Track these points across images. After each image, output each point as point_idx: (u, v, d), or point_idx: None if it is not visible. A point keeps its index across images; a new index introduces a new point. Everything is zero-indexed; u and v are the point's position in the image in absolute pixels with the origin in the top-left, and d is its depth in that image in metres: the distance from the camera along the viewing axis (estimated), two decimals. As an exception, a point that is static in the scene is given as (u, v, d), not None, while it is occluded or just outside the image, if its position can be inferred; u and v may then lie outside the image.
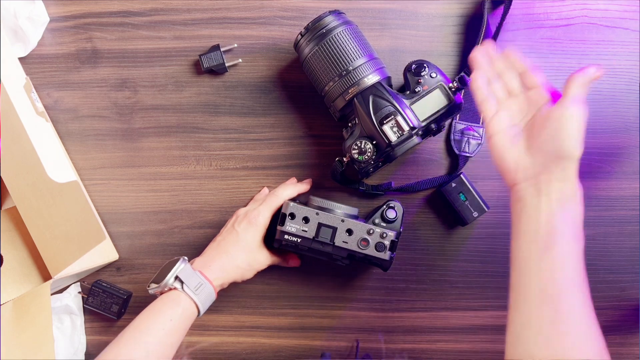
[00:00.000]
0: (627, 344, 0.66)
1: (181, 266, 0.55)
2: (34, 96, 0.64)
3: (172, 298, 0.53)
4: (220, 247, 0.58)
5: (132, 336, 0.51)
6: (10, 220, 0.65)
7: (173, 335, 0.52)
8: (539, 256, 0.45)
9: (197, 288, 0.54)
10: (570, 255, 0.45)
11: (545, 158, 0.47)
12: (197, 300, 0.54)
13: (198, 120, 0.66)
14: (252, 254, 0.58)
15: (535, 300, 0.44)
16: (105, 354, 0.50)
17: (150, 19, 0.65)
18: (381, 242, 0.58)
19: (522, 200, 0.48)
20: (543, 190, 0.46)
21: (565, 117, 0.47)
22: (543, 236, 0.45)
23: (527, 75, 0.52)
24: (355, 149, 0.57)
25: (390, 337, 0.66)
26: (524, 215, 0.47)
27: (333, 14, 0.58)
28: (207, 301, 0.55)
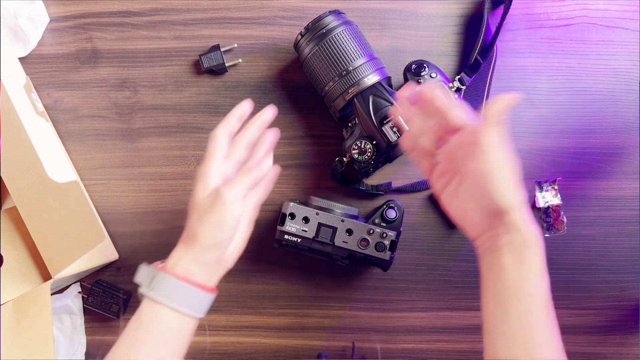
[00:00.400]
0: (627, 344, 0.66)
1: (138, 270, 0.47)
2: (34, 96, 0.64)
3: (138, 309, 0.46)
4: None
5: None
6: (10, 220, 0.65)
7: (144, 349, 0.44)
8: (501, 318, 0.43)
9: (150, 282, 0.45)
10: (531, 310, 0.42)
11: (484, 213, 0.44)
12: (155, 297, 0.44)
13: (198, 120, 0.66)
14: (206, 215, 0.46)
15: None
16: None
17: (150, 19, 0.65)
18: (381, 242, 0.58)
19: (480, 256, 0.45)
20: (492, 246, 0.43)
21: (483, 174, 0.43)
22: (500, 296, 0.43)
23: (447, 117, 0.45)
24: (355, 149, 0.57)
25: (390, 337, 0.66)
26: (484, 270, 0.45)
27: (333, 14, 0.58)
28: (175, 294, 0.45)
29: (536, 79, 0.65)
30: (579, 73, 0.65)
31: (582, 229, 0.65)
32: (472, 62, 0.61)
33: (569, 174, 0.65)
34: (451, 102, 0.45)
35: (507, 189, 0.42)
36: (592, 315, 0.66)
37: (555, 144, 0.65)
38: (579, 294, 0.66)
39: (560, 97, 0.65)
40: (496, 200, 0.42)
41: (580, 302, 0.66)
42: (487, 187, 0.43)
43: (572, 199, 0.65)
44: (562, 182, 0.65)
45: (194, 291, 0.46)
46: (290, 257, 0.66)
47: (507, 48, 0.65)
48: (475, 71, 0.60)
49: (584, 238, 0.65)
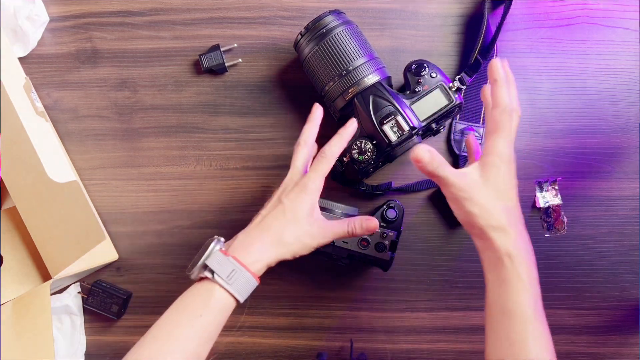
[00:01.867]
0: (627, 344, 0.66)
1: (212, 252, 0.48)
2: (34, 96, 0.64)
3: (203, 290, 0.48)
4: (263, 223, 0.50)
5: (159, 335, 0.46)
6: (10, 220, 0.65)
7: (204, 331, 0.46)
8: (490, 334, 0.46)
9: (229, 276, 0.47)
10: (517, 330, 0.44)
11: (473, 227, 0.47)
12: (231, 290, 0.47)
13: (198, 120, 0.66)
14: (302, 226, 0.50)
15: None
16: (130, 354, 0.45)
17: (150, 19, 0.65)
18: (381, 242, 0.58)
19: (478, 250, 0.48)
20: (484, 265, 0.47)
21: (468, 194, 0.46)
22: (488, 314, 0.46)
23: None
24: (355, 149, 0.57)
25: (390, 337, 0.66)
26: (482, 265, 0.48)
27: (333, 13, 0.58)
28: (244, 289, 0.48)
29: (536, 79, 0.65)
30: (579, 73, 0.65)
31: (582, 229, 0.65)
32: (472, 62, 0.61)
33: (569, 174, 0.65)
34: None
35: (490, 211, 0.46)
36: (592, 315, 0.66)
37: (555, 144, 0.65)
38: (579, 294, 0.66)
39: (560, 97, 0.65)
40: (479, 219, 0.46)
41: (580, 302, 0.66)
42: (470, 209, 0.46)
43: (572, 199, 0.65)
44: (562, 182, 0.65)
45: (255, 285, 0.50)
46: (290, 257, 0.66)
47: (507, 48, 0.65)
48: (475, 71, 0.60)
49: (584, 238, 0.65)
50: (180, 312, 0.47)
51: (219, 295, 0.47)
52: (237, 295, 0.48)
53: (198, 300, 0.47)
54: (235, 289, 0.47)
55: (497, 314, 0.45)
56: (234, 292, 0.47)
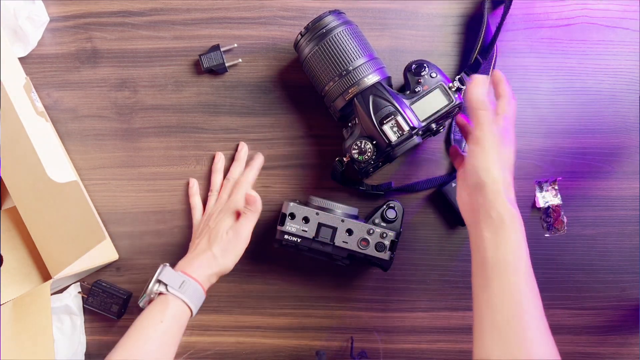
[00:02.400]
0: (627, 344, 0.66)
1: (162, 270, 0.55)
2: (34, 96, 0.64)
3: (159, 302, 0.54)
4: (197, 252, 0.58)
5: (124, 344, 0.52)
6: (10, 220, 0.65)
7: (166, 336, 0.53)
8: (484, 287, 0.47)
9: (180, 286, 0.54)
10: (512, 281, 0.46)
11: (470, 189, 0.50)
12: (184, 298, 0.54)
13: (198, 120, 0.66)
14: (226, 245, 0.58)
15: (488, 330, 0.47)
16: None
17: (150, 19, 0.65)
18: (381, 242, 0.58)
19: (468, 231, 0.51)
20: (476, 220, 0.49)
21: (470, 150, 0.50)
22: (482, 268, 0.48)
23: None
24: (355, 149, 0.57)
25: (390, 337, 0.66)
26: (471, 245, 0.50)
27: (333, 13, 0.58)
28: (195, 297, 0.55)
29: (536, 79, 0.65)
30: (579, 73, 0.65)
31: (582, 229, 0.65)
32: (472, 62, 0.61)
33: (569, 174, 0.65)
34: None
35: (487, 166, 0.48)
36: (592, 315, 0.66)
37: (555, 144, 0.65)
38: (579, 294, 0.66)
39: (560, 97, 0.65)
40: (476, 174, 0.49)
41: (580, 302, 0.66)
42: (470, 162, 0.50)
43: (572, 199, 0.65)
44: (562, 182, 0.65)
45: (203, 296, 0.57)
46: (290, 257, 0.66)
47: (507, 48, 0.65)
48: (475, 71, 0.60)
49: (584, 238, 0.65)
50: (145, 320, 0.53)
51: (174, 303, 0.54)
52: (189, 303, 0.55)
53: (157, 311, 0.54)
54: (187, 298, 0.54)
55: (491, 268, 0.47)
56: (186, 300, 0.54)
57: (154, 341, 0.52)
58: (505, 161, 0.50)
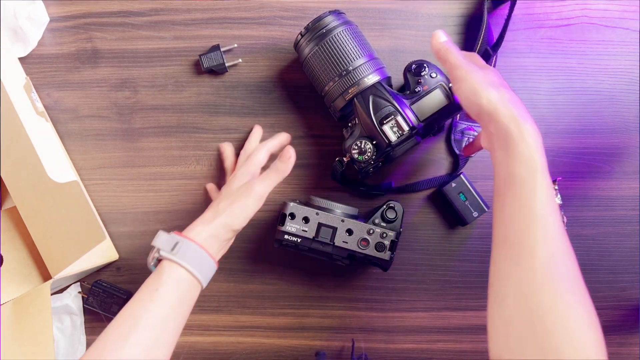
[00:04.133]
0: (627, 344, 0.66)
1: (157, 235, 0.51)
2: (34, 96, 0.64)
3: (157, 270, 0.50)
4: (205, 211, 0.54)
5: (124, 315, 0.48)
6: (10, 220, 0.65)
7: (165, 304, 0.48)
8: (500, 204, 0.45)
9: (174, 248, 0.49)
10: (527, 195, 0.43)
11: (477, 119, 0.48)
12: (178, 260, 0.49)
13: (198, 120, 0.66)
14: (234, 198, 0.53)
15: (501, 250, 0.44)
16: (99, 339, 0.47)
17: (150, 19, 0.65)
18: (381, 242, 0.58)
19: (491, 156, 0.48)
20: (488, 146, 0.48)
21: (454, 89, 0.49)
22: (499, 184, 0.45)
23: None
24: (355, 149, 0.57)
25: (390, 337, 0.66)
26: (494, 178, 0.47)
27: (333, 14, 0.58)
28: (195, 260, 0.50)
29: (536, 79, 0.65)
30: (579, 73, 0.65)
31: (582, 229, 0.65)
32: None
33: (569, 174, 0.65)
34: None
35: (480, 88, 0.46)
36: (592, 315, 0.66)
37: (555, 144, 0.65)
38: (579, 294, 0.65)
39: (560, 97, 0.65)
40: (472, 100, 0.47)
41: (580, 302, 0.66)
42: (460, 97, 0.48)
43: (572, 199, 0.65)
44: (562, 182, 0.65)
45: (208, 260, 0.51)
46: (290, 257, 0.66)
47: (507, 48, 0.65)
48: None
49: (584, 238, 0.65)
50: (140, 292, 0.49)
51: (169, 268, 0.49)
52: (186, 265, 0.49)
53: (152, 279, 0.50)
54: (182, 259, 0.49)
55: (504, 185, 0.44)
56: (181, 261, 0.49)
57: (151, 312, 0.47)
58: (493, 80, 0.47)
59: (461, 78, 0.48)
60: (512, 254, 0.43)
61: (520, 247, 0.42)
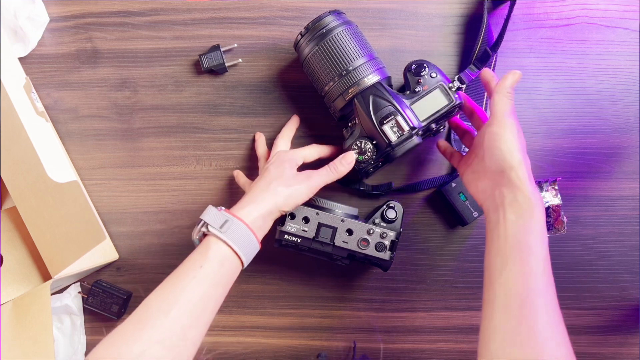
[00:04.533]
0: (627, 344, 0.66)
1: (207, 210, 0.51)
2: (34, 96, 0.64)
3: (202, 245, 0.50)
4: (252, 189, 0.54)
5: (164, 287, 0.48)
6: (10, 220, 0.65)
7: (207, 281, 0.48)
8: (502, 266, 0.46)
9: (222, 226, 0.49)
10: (532, 263, 0.45)
11: (492, 175, 0.50)
12: (225, 239, 0.49)
13: (198, 120, 0.66)
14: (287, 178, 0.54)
15: (499, 310, 0.45)
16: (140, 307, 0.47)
17: (150, 19, 0.65)
18: (381, 242, 0.58)
19: (487, 218, 0.50)
20: (499, 203, 0.48)
21: (494, 134, 0.50)
22: (504, 247, 0.47)
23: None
24: (355, 149, 0.57)
25: (390, 337, 0.66)
26: (489, 231, 0.49)
27: (333, 14, 0.58)
28: (241, 240, 0.50)
29: (536, 79, 0.65)
30: (579, 73, 0.65)
31: (582, 229, 0.65)
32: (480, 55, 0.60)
33: (569, 174, 0.65)
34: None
35: (511, 149, 0.48)
36: (592, 315, 0.66)
37: (555, 144, 0.65)
38: (579, 294, 0.66)
39: (560, 97, 0.65)
40: (501, 158, 0.49)
41: (580, 302, 0.66)
42: (495, 146, 0.49)
43: (572, 199, 0.65)
44: (562, 182, 0.65)
45: (254, 241, 0.51)
46: (290, 257, 0.66)
47: (507, 48, 0.65)
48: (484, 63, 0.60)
49: (584, 238, 0.65)
50: (183, 266, 0.49)
51: (215, 245, 0.49)
52: (233, 245, 0.49)
53: (197, 254, 0.49)
54: (229, 238, 0.49)
55: (510, 249, 0.46)
56: (228, 240, 0.49)
57: (192, 289, 0.47)
58: (524, 145, 0.50)
59: (503, 126, 0.49)
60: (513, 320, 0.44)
61: (522, 314, 0.44)
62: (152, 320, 0.45)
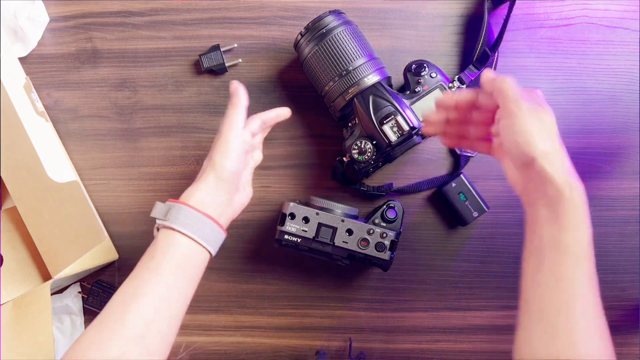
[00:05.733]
0: (627, 344, 0.66)
1: (154, 207, 0.50)
2: (34, 96, 0.64)
3: (154, 239, 0.49)
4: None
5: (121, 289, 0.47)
6: (10, 220, 0.65)
7: (161, 272, 0.46)
8: (536, 269, 0.43)
9: (167, 214, 0.48)
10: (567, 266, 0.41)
11: (520, 167, 0.44)
12: (171, 225, 0.47)
13: (198, 120, 0.66)
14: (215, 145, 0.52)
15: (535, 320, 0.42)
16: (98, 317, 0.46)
17: (150, 19, 0.65)
18: (381, 242, 0.58)
19: (526, 212, 0.45)
20: (532, 199, 0.44)
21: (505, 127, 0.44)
22: (538, 248, 0.43)
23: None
24: (355, 149, 0.57)
25: (390, 337, 0.66)
26: (527, 226, 0.45)
27: (333, 13, 0.58)
28: (189, 222, 0.48)
29: (536, 79, 0.65)
30: (579, 73, 0.65)
31: (582, 229, 0.65)
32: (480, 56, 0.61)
33: (569, 174, 0.65)
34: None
35: (529, 139, 0.42)
36: (592, 315, 0.66)
37: (555, 144, 0.65)
38: (579, 294, 0.65)
39: (560, 97, 0.65)
40: (520, 151, 0.43)
41: (580, 302, 0.66)
42: (510, 140, 0.43)
43: (572, 199, 0.65)
44: (562, 182, 0.65)
45: (206, 221, 0.49)
46: (290, 257, 0.66)
47: (507, 48, 0.65)
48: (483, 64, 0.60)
49: (584, 238, 0.65)
50: (138, 263, 0.48)
51: (163, 234, 0.48)
52: (180, 228, 0.47)
53: (149, 248, 0.48)
54: (175, 223, 0.47)
55: (545, 247, 0.42)
56: (174, 225, 0.47)
57: (149, 282, 0.46)
58: (550, 129, 0.44)
59: (513, 115, 0.43)
60: (549, 328, 0.40)
61: (558, 322, 0.40)
62: (113, 317, 0.44)
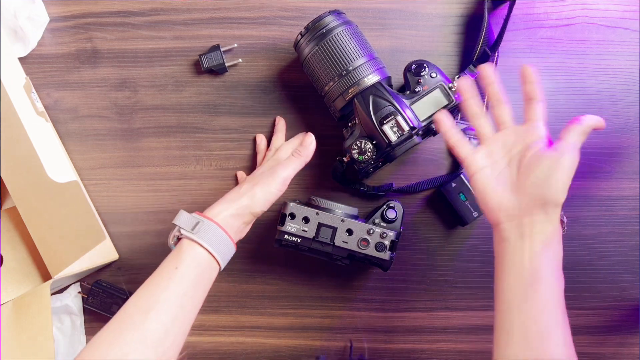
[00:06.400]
0: (627, 344, 0.66)
1: (178, 214, 0.52)
2: (34, 96, 0.64)
3: (177, 248, 0.51)
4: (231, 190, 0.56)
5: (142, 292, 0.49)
6: (10, 220, 0.65)
7: (183, 283, 0.49)
8: (523, 297, 0.45)
9: (194, 227, 0.51)
10: (552, 296, 0.45)
11: (530, 200, 0.47)
12: (198, 239, 0.50)
13: (198, 120, 0.66)
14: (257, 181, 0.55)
15: (518, 341, 0.45)
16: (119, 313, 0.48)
17: (150, 19, 0.65)
18: (381, 242, 0.58)
19: (506, 241, 0.47)
20: (526, 232, 0.47)
21: (559, 163, 0.46)
22: (527, 278, 0.46)
23: (531, 105, 0.50)
24: (355, 149, 0.57)
25: (390, 337, 0.66)
26: (508, 256, 0.47)
27: (333, 13, 0.58)
28: (214, 240, 0.51)
29: (536, 79, 0.65)
30: (579, 73, 0.65)
31: (582, 229, 0.65)
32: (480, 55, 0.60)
33: (569, 174, 0.65)
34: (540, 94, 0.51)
35: (565, 187, 0.47)
36: (592, 315, 0.66)
37: (555, 144, 0.65)
38: (579, 294, 0.66)
39: (559, 97, 0.65)
40: (554, 192, 0.46)
41: (580, 302, 0.66)
42: (552, 177, 0.46)
43: (572, 199, 0.64)
44: (562, 182, 0.65)
45: (227, 240, 0.52)
46: (290, 257, 0.66)
47: (507, 48, 0.65)
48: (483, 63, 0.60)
49: (584, 238, 0.65)
50: (159, 269, 0.50)
51: (188, 246, 0.50)
52: (205, 245, 0.50)
53: (172, 257, 0.50)
54: (201, 238, 0.50)
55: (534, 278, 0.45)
56: (200, 240, 0.50)
57: (169, 290, 0.48)
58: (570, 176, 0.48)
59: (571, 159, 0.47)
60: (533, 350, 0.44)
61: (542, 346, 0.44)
62: (131, 320, 0.46)
